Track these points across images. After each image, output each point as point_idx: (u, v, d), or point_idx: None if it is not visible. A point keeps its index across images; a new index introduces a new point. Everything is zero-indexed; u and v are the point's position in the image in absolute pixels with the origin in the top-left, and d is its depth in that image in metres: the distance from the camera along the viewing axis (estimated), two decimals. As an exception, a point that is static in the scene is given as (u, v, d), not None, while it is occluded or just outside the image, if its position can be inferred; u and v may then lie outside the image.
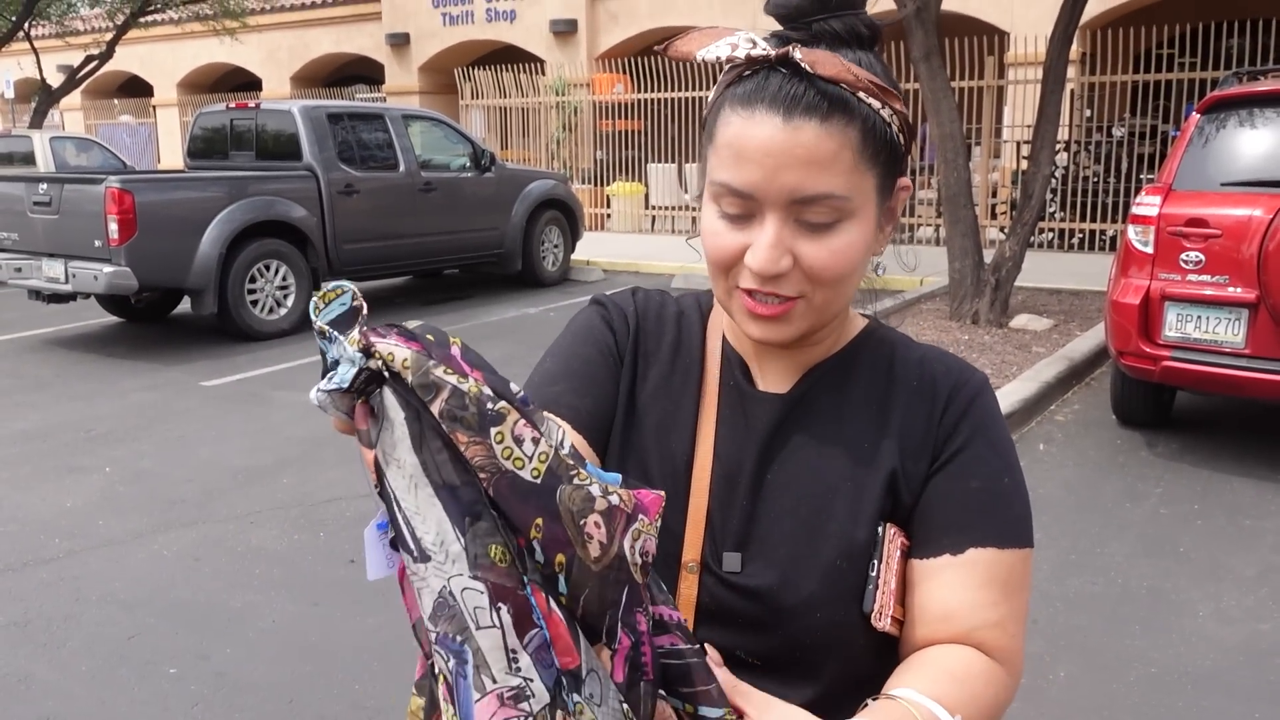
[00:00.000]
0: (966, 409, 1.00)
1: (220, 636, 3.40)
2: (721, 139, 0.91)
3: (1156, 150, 11.73)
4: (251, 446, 5.48)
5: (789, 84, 0.88)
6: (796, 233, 0.90)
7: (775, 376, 1.04)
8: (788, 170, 0.87)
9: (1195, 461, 5.00)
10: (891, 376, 1.03)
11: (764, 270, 0.90)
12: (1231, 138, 5.05)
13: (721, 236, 0.93)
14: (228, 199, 8.03)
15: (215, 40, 18.64)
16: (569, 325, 1.09)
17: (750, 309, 0.94)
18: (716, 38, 0.91)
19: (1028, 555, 0.97)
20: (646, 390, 1.04)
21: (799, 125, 0.87)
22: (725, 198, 0.91)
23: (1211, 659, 3.21)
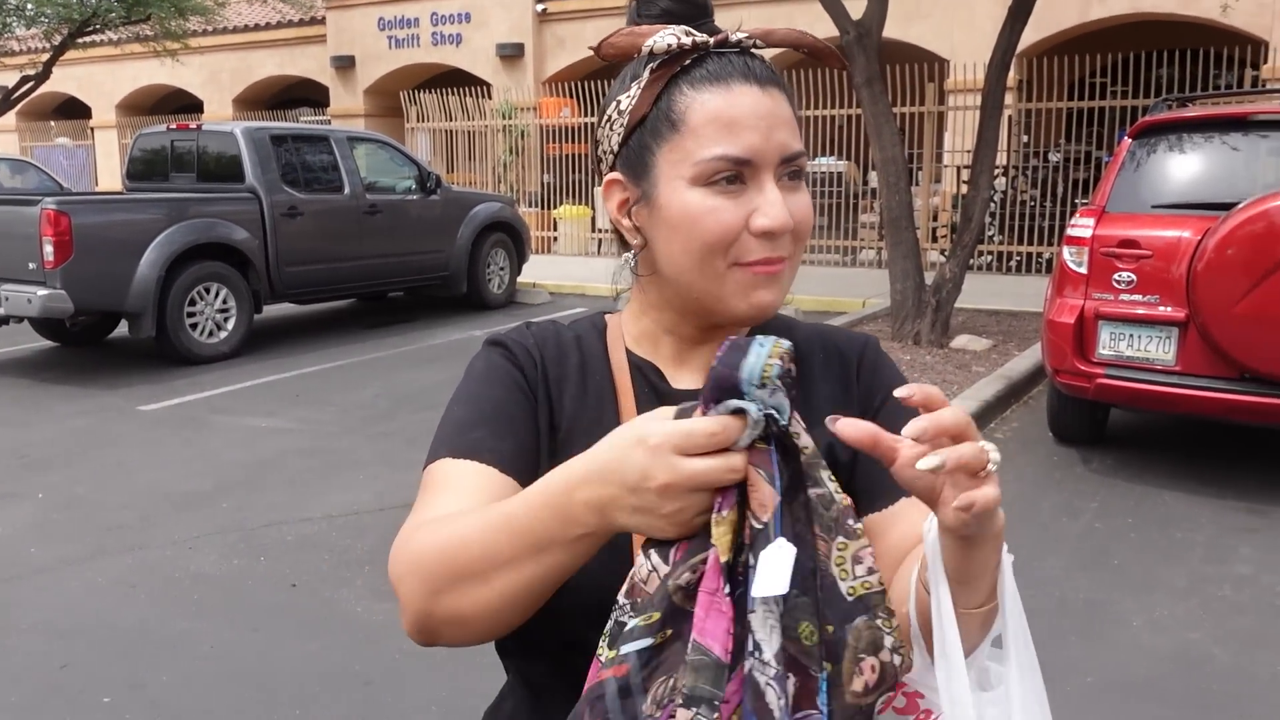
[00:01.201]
0: (875, 367, 1.09)
1: (156, 664, 3.34)
2: (699, 118, 0.93)
3: (1090, 175, 12.02)
4: (190, 471, 5.39)
5: (746, 60, 0.96)
6: (784, 190, 0.96)
7: (689, 375, 1.06)
8: (777, 130, 0.94)
9: (1129, 476, 5.11)
10: (798, 353, 1.06)
11: (784, 225, 0.94)
12: (1161, 162, 5.20)
13: (724, 210, 0.94)
14: (167, 221, 7.92)
15: (156, 62, 18.41)
16: (469, 371, 1.07)
17: (757, 272, 0.96)
18: (651, 32, 0.95)
19: None
20: (566, 417, 1.04)
21: (771, 92, 0.95)
22: (719, 172, 0.93)
23: (1145, 668, 3.28)
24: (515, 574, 0.82)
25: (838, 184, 13.36)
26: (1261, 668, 3.27)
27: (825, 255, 13.57)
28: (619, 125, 0.99)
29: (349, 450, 5.72)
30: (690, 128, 0.94)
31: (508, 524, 0.82)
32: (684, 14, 0.98)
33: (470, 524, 0.85)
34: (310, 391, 7.18)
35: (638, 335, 1.08)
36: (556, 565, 0.81)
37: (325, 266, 9.16)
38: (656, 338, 1.06)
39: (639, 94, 0.97)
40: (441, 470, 0.97)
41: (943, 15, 13.73)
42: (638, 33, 0.96)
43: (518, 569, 0.81)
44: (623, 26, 0.98)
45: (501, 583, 0.82)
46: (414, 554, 0.87)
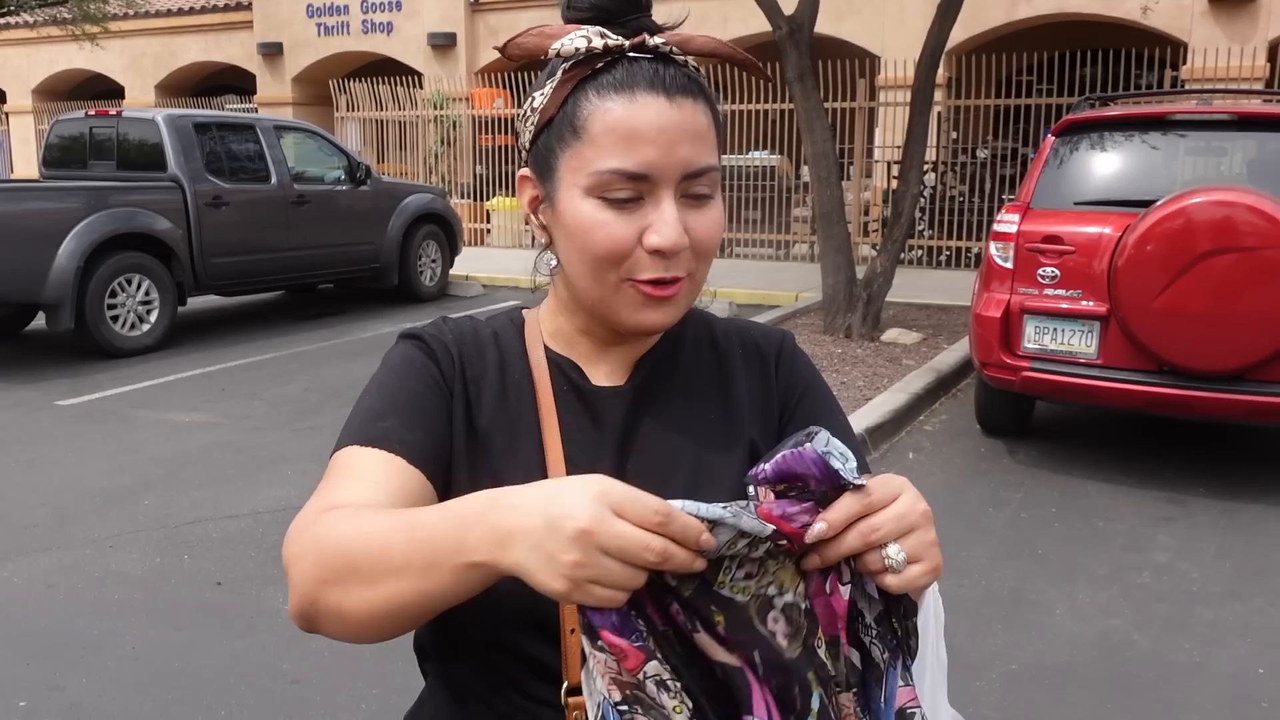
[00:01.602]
0: (793, 363, 1.11)
1: (75, 666, 3.24)
2: (599, 127, 0.91)
3: (1017, 171, 12.25)
4: (111, 467, 5.25)
5: (658, 67, 0.92)
6: (684, 208, 0.93)
7: (609, 372, 1.05)
8: (679, 145, 0.91)
9: (1054, 467, 5.23)
10: (717, 350, 1.10)
11: (676, 245, 0.91)
12: (1084, 159, 5.32)
13: (613, 225, 0.92)
14: (86, 210, 7.69)
15: (74, 45, 17.88)
16: (384, 362, 1.05)
17: (649, 293, 0.94)
18: (564, 33, 0.93)
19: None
20: (484, 415, 1.02)
21: (680, 103, 0.91)
22: (614, 185, 0.91)
23: (1068, 654, 3.35)
24: (400, 585, 0.78)
25: (771, 178, 13.45)
26: (1179, 653, 3.36)
27: (758, 249, 13.66)
28: (531, 123, 0.98)
29: (277, 445, 5.62)
30: (590, 136, 0.91)
31: (410, 530, 0.79)
32: (614, 9, 0.95)
33: (377, 522, 0.82)
34: (237, 385, 7.03)
35: (554, 332, 1.07)
36: (439, 591, 0.78)
37: (252, 258, 8.97)
38: (572, 336, 1.06)
39: (550, 94, 0.95)
40: (347, 457, 0.95)
41: (874, 12, 13.89)
42: (547, 33, 0.94)
43: (404, 580, 0.78)
44: (540, 24, 0.96)
45: (386, 590, 0.79)
46: (313, 539, 0.84)
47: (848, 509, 0.79)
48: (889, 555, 0.79)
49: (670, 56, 0.93)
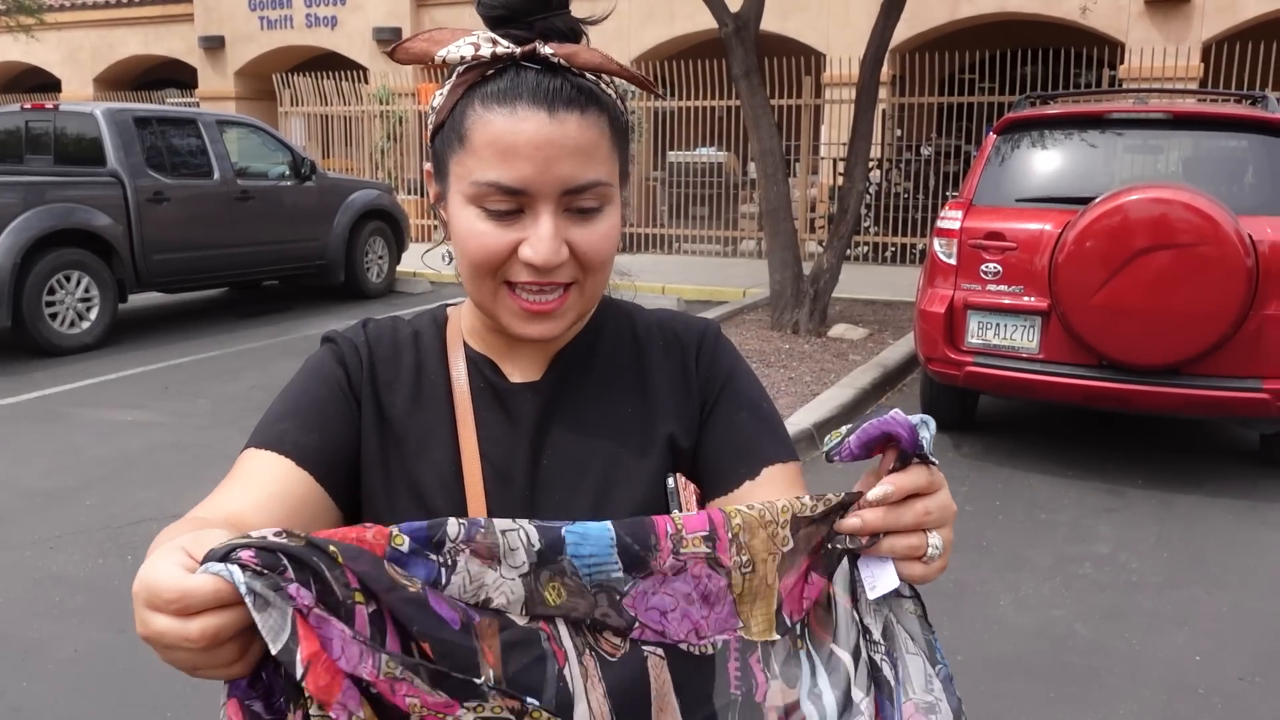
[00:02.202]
0: (714, 353, 1.09)
1: (15, 670, 3.18)
2: (480, 139, 0.91)
3: (960, 168, 12.44)
4: (51, 467, 5.15)
5: (545, 78, 0.91)
6: (568, 221, 0.93)
7: (525, 367, 1.06)
8: (559, 161, 0.90)
9: (998, 461, 5.32)
10: (637, 343, 1.10)
11: (547, 262, 0.91)
12: (1025, 157, 5.41)
13: (489, 237, 0.92)
14: (22, 205, 7.52)
15: (9, 37, 17.45)
16: (303, 365, 1.07)
17: (525, 308, 0.95)
18: (452, 38, 0.92)
19: (800, 467, 1.07)
20: (397, 417, 1.03)
21: (563, 118, 0.90)
22: (492, 197, 0.91)
23: (1012, 645, 3.42)
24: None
25: (718, 174, 13.52)
26: (1119, 641, 3.44)
27: (706, 245, 13.71)
28: (431, 121, 0.98)
29: (222, 444, 5.54)
30: (472, 146, 0.92)
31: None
32: (522, 8, 0.93)
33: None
34: (180, 383, 6.92)
35: (472, 328, 1.08)
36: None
37: (195, 254, 8.83)
38: (486, 334, 1.06)
39: (445, 98, 0.95)
40: (244, 459, 0.97)
41: (819, 9, 14.01)
42: (435, 39, 0.93)
43: None
44: (433, 29, 0.95)
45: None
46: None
47: (915, 480, 0.82)
48: (932, 543, 0.82)
49: (560, 67, 0.92)
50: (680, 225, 13.87)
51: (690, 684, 0.82)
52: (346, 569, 0.70)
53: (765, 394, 1.10)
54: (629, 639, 0.81)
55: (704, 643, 0.83)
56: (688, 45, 14.74)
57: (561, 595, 0.78)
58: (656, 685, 0.81)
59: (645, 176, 14.73)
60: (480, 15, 0.95)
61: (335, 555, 0.70)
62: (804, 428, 5.40)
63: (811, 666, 0.85)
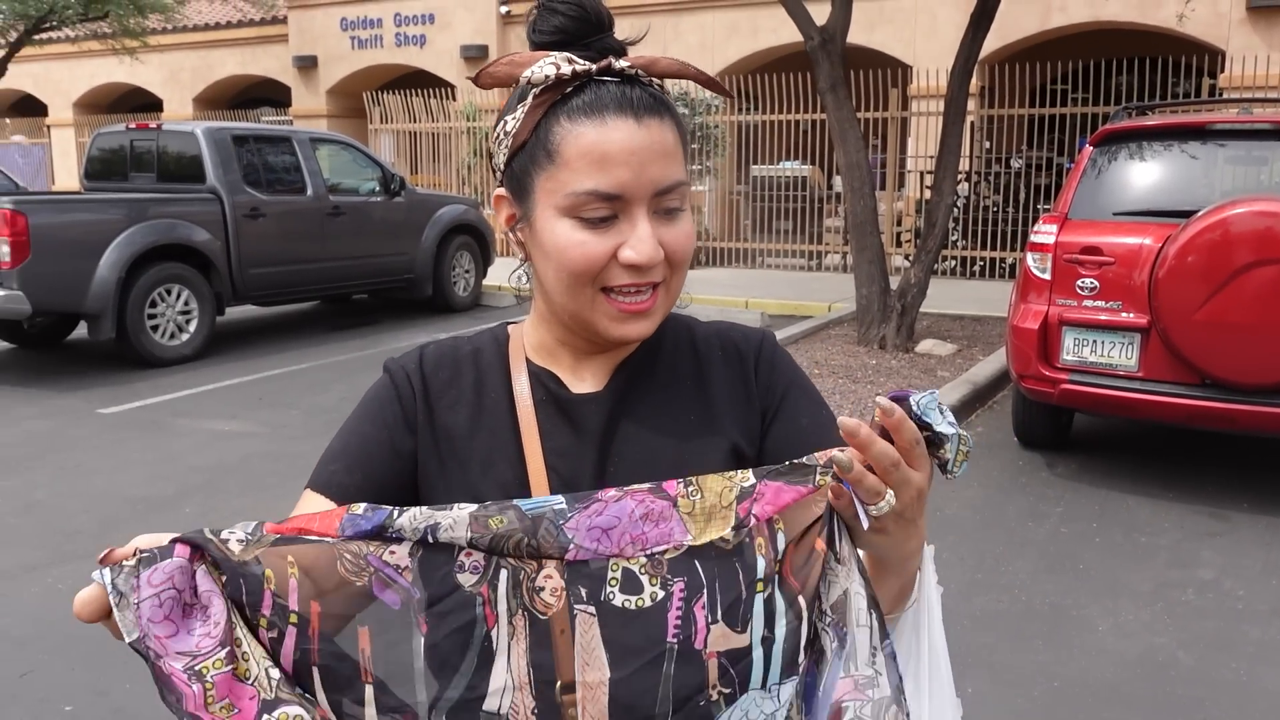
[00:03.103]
0: (773, 362, 1.12)
1: (118, 672, 3.28)
2: (572, 151, 0.94)
3: (1051, 181, 12.17)
4: (151, 475, 5.31)
5: (625, 89, 0.96)
6: (657, 222, 0.97)
7: (588, 379, 1.08)
8: (649, 165, 0.95)
9: (1093, 481, 5.17)
10: (697, 353, 1.12)
11: (650, 260, 0.96)
12: (1123, 169, 5.27)
13: (590, 245, 0.96)
14: (127, 221, 7.80)
15: (114, 59, 18.15)
16: (363, 397, 1.11)
17: (623, 309, 0.99)
18: (532, 60, 0.97)
19: None
20: (460, 436, 1.05)
21: (648, 123, 0.96)
22: (590, 205, 0.95)
23: (1111, 672, 3.31)
24: None
25: (802, 188, 13.43)
26: (1225, 671, 3.31)
27: (790, 260, 13.63)
28: (505, 145, 1.01)
29: (312, 454, 5.58)
30: (564, 160, 0.95)
31: None
32: (577, 31, 0.98)
33: None
34: (274, 394, 7.10)
35: (537, 345, 1.10)
36: None
37: (288, 268, 9.06)
38: (554, 348, 1.09)
39: (522, 118, 0.98)
40: (302, 499, 1.04)
41: (905, 21, 13.86)
42: (517, 62, 0.97)
43: None
44: (510, 53, 1.00)
45: None
46: None
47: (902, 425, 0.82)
48: (886, 498, 0.83)
49: (636, 78, 0.97)
50: (764, 239, 13.81)
51: (620, 638, 0.84)
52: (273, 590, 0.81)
53: (823, 400, 1.13)
54: (565, 596, 0.84)
55: (646, 552, 0.84)
56: (771, 59, 14.69)
57: (502, 522, 0.83)
58: (583, 640, 0.84)
59: (729, 190, 14.70)
60: (533, 42, 1.00)
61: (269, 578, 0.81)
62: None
63: (770, 612, 0.86)
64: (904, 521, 0.85)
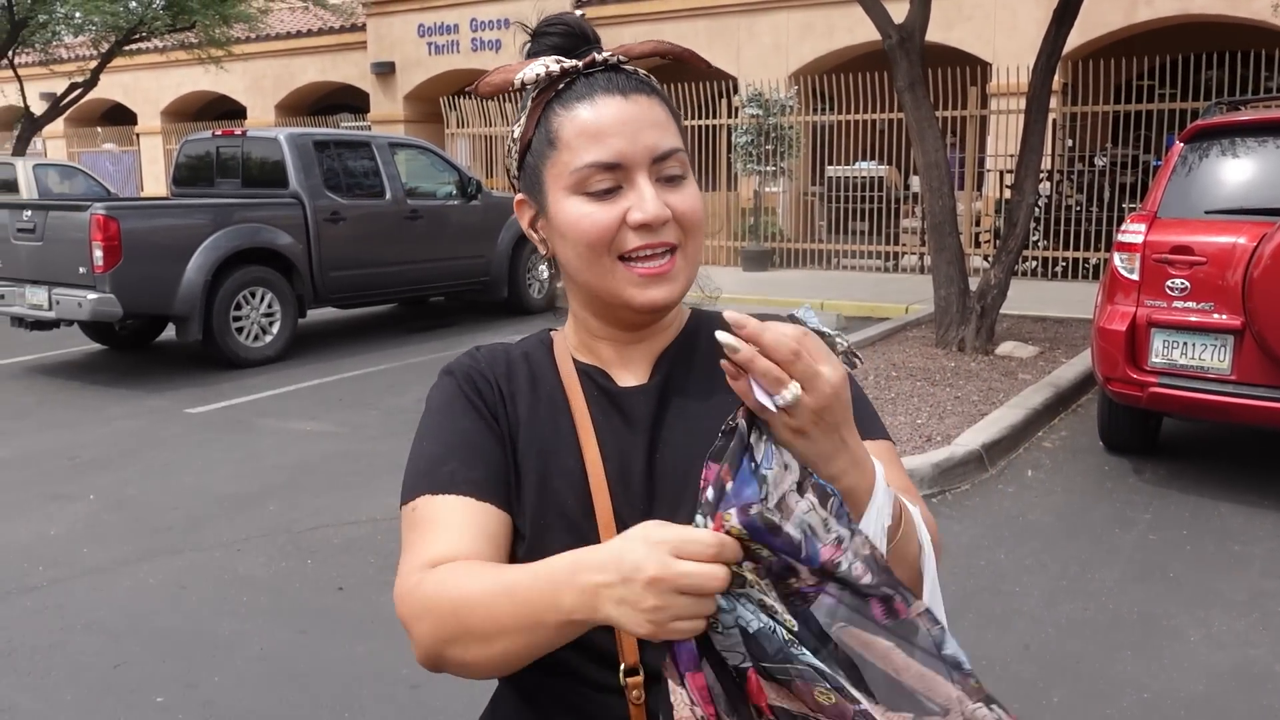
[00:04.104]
0: None
1: (207, 665, 3.36)
2: (569, 133, 1.02)
3: (1137, 179, 11.85)
4: (237, 473, 5.44)
5: (611, 75, 1.04)
6: (660, 188, 1.03)
7: (632, 372, 1.13)
8: (644, 132, 1.02)
9: (1183, 487, 5.02)
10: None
11: (657, 216, 1.01)
12: (1214, 166, 5.11)
13: (598, 214, 1.02)
14: (213, 226, 8.01)
15: (200, 68, 18.65)
16: (429, 404, 1.13)
17: (641, 274, 1.03)
18: (523, 66, 1.05)
19: (894, 445, 1.14)
20: (524, 430, 1.09)
21: (636, 99, 1.03)
22: (593, 177, 1.01)
23: (1204, 684, 3.21)
24: (511, 641, 0.88)
25: (878, 188, 13.27)
26: (1325, 684, 3.19)
27: (866, 261, 13.48)
28: (514, 151, 1.09)
29: (391, 454, 5.75)
30: (564, 142, 1.03)
31: (510, 593, 0.88)
32: (569, 46, 1.07)
33: (478, 586, 0.92)
34: (353, 395, 7.22)
35: (578, 344, 1.16)
36: (545, 642, 0.88)
37: (367, 271, 9.22)
38: (594, 344, 1.14)
39: (525, 121, 1.07)
40: (426, 508, 1.03)
41: (984, 19, 13.62)
42: (510, 69, 1.06)
43: (514, 637, 0.88)
44: (502, 65, 1.08)
45: (500, 646, 0.89)
46: (423, 603, 0.95)
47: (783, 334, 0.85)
48: (790, 389, 0.84)
49: (619, 66, 1.05)
50: (839, 240, 13.68)
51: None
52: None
53: (862, 394, 1.13)
54: None
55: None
56: (847, 58, 14.54)
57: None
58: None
59: (803, 191, 14.59)
60: (530, 56, 1.07)
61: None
62: (972, 449, 5.23)
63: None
64: (825, 426, 0.86)
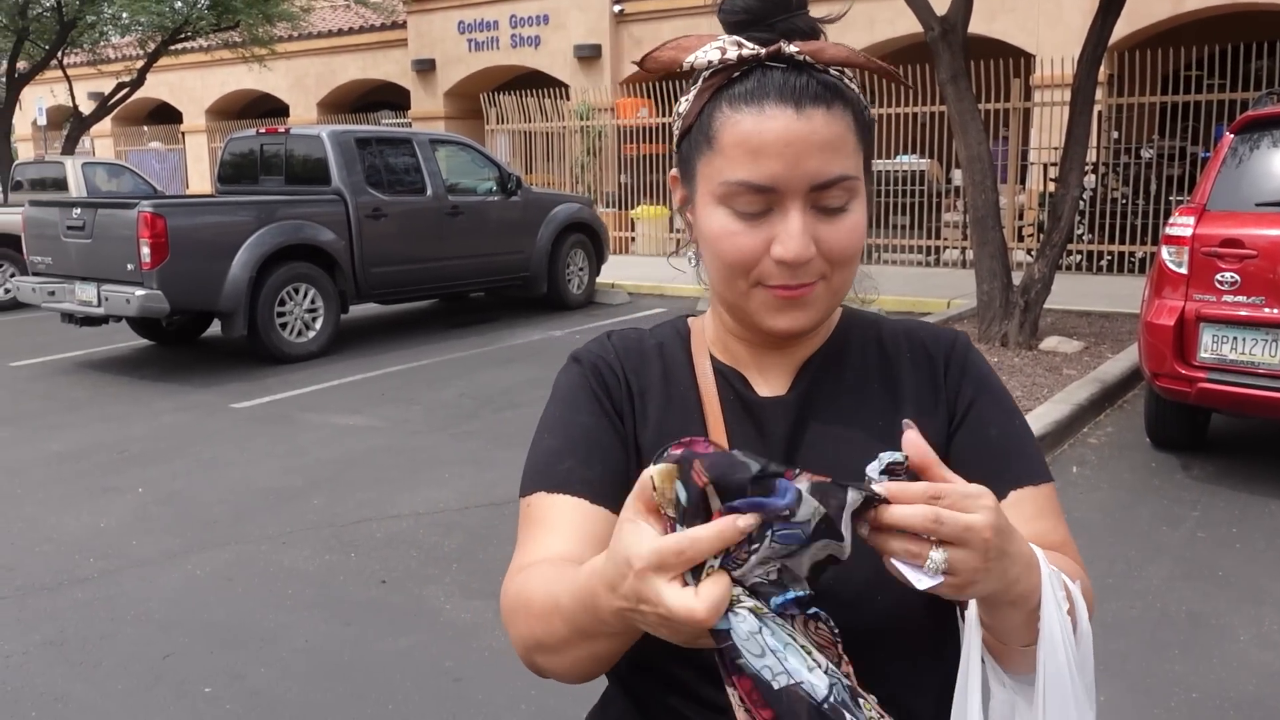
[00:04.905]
0: (964, 366, 1.07)
1: (254, 656, 3.41)
2: (729, 139, 0.92)
3: (1185, 172, 11.66)
4: (282, 468, 5.50)
5: (791, 76, 0.92)
6: (814, 218, 0.93)
7: (773, 380, 1.05)
8: (807, 158, 0.90)
9: (1233, 484, 4.94)
10: (884, 353, 1.08)
11: (798, 257, 0.92)
12: (1266, 158, 5.02)
13: (740, 237, 0.93)
14: (257, 223, 8.10)
15: (244, 67, 18.89)
16: (555, 390, 1.09)
17: (778, 295, 0.95)
18: (699, 44, 0.95)
19: (1054, 489, 1.04)
20: (650, 430, 1.04)
21: (810, 114, 0.91)
22: (742, 196, 0.92)
23: (1254, 684, 3.16)
24: (577, 651, 0.86)
25: (920, 182, 13.16)
26: (1380, 686, 3.13)
27: (908, 255, 13.37)
28: (677, 127, 1.00)
29: (434, 448, 5.79)
30: (721, 147, 0.93)
31: (558, 611, 0.85)
32: (764, 10, 0.95)
33: (539, 600, 0.88)
34: (395, 390, 7.28)
35: (716, 339, 1.08)
36: (608, 648, 0.85)
37: (409, 267, 9.29)
38: (732, 342, 1.06)
39: (692, 101, 0.97)
40: (539, 506, 1.00)
41: (1028, 10, 13.47)
42: (683, 46, 0.96)
43: (577, 648, 0.86)
44: (679, 36, 0.98)
45: (570, 656, 0.87)
46: (510, 605, 0.94)
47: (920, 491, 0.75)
48: (931, 559, 0.74)
49: (806, 64, 0.93)
50: (880, 234, 13.58)
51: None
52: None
53: (1017, 410, 1.07)
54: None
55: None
56: (888, 51, 14.44)
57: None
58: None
59: (843, 186, 14.48)
60: (721, 21, 0.96)
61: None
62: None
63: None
64: (992, 568, 0.76)
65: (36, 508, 4.94)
